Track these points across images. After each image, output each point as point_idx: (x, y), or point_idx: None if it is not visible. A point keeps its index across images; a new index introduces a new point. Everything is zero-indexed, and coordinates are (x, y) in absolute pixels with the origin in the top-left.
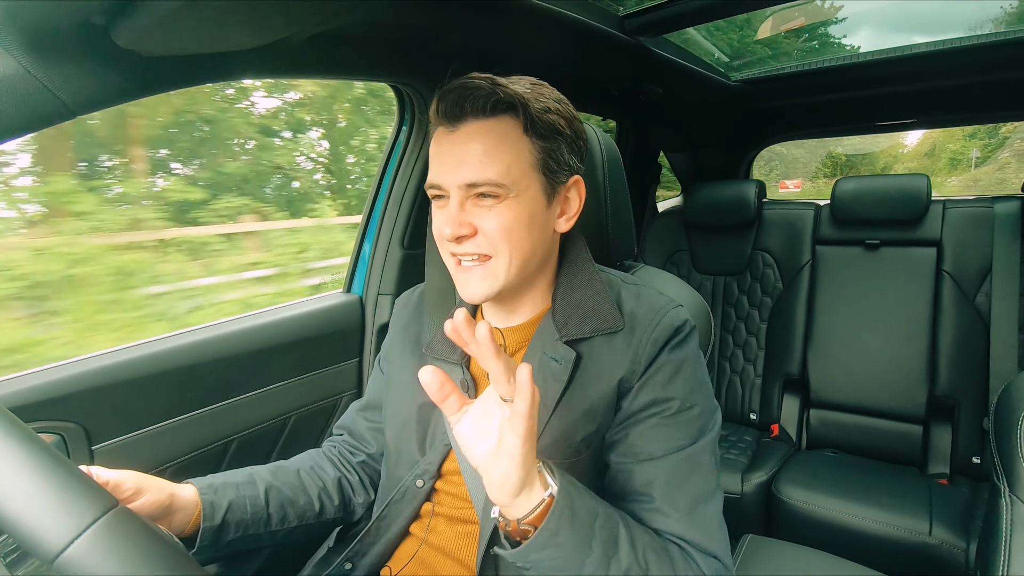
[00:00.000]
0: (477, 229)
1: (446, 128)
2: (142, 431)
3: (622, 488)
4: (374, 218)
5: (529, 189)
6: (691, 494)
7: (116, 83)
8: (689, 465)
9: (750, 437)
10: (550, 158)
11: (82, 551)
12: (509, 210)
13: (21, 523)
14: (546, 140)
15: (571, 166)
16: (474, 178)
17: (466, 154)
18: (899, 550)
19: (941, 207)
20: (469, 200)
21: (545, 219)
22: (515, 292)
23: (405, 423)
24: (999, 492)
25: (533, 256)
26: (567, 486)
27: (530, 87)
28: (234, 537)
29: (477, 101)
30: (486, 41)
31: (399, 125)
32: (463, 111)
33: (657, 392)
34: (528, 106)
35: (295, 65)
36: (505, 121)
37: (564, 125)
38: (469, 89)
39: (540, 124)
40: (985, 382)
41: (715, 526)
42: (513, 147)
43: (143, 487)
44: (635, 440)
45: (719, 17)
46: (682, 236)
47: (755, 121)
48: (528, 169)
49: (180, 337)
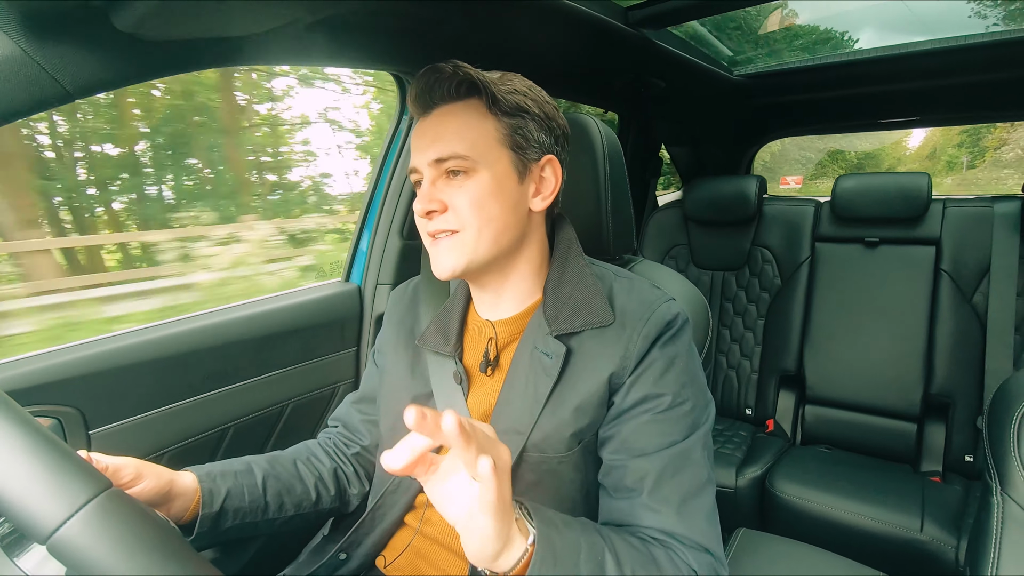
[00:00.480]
0: (447, 205)
1: (420, 115)
2: (139, 416)
3: (615, 484)
4: (373, 208)
5: (498, 163)
6: (682, 489)
7: (115, 67)
8: (681, 460)
9: (745, 432)
10: (517, 134)
11: (75, 531)
12: (477, 184)
13: (15, 504)
14: (511, 117)
15: (541, 144)
16: (440, 153)
17: (436, 135)
18: (890, 546)
19: (941, 206)
20: (441, 179)
21: (518, 195)
22: (495, 275)
23: (399, 415)
24: (991, 490)
25: (505, 231)
26: (546, 530)
27: (499, 75)
28: (232, 524)
29: (443, 84)
30: (487, 30)
31: (399, 114)
32: (433, 96)
33: (649, 388)
34: (489, 86)
35: (296, 52)
36: (471, 103)
37: (530, 104)
38: (436, 74)
39: (504, 103)
40: (980, 381)
41: (705, 520)
42: (478, 124)
43: (142, 473)
44: (627, 436)
45: (723, 11)
46: (682, 230)
47: (757, 116)
48: (494, 144)
49: (179, 323)
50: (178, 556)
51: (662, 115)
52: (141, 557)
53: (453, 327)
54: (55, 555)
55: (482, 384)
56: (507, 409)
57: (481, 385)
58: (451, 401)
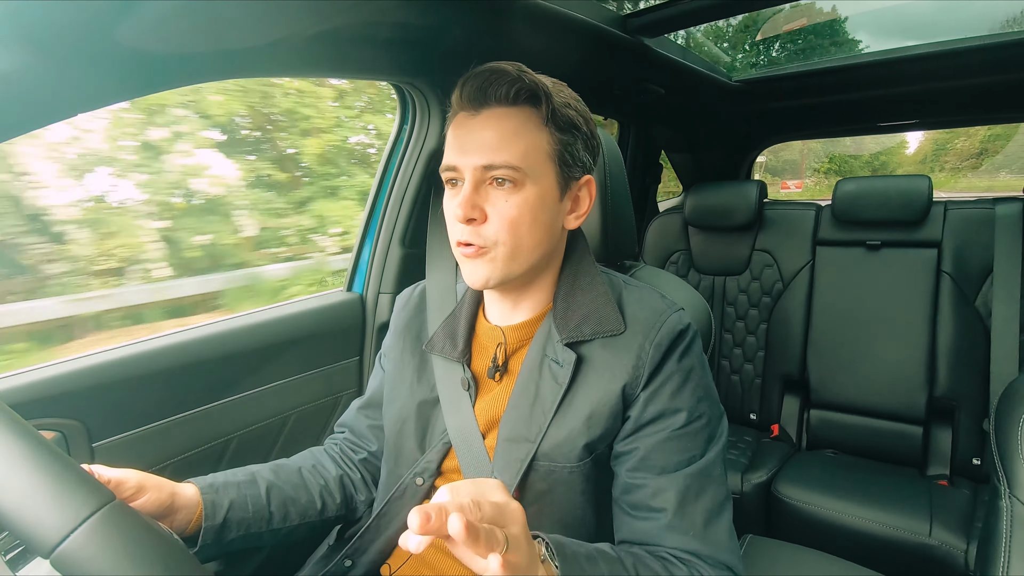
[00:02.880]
0: (487, 215)
1: (468, 113)
2: (143, 428)
3: (636, 503)
4: (375, 217)
5: (545, 178)
6: (705, 509)
7: (117, 80)
8: (703, 478)
9: (750, 437)
10: (567, 151)
11: (78, 545)
12: (524, 198)
13: (18, 517)
14: (564, 133)
15: (585, 164)
16: (491, 160)
17: (485, 138)
18: (899, 551)
19: (942, 208)
20: (485, 184)
21: (555, 212)
22: (520, 286)
23: (405, 421)
24: (999, 494)
25: (538, 247)
26: (569, 570)
27: (551, 83)
28: (236, 536)
29: (501, 87)
30: (488, 40)
31: (400, 124)
32: (486, 96)
33: (665, 403)
34: (551, 97)
35: (297, 64)
36: (526, 111)
37: (582, 122)
38: (496, 75)
39: (560, 116)
40: (985, 384)
41: (727, 537)
42: (532, 135)
43: (145, 486)
44: (647, 454)
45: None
46: (682, 236)
47: (756, 122)
48: (545, 159)
49: (181, 334)
50: (182, 569)
51: (661, 121)
52: (144, 570)
53: (462, 332)
54: (59, 568)
55: (490, 390)
56: (516, 416)
57: (489, 391)
58: (458, 407)
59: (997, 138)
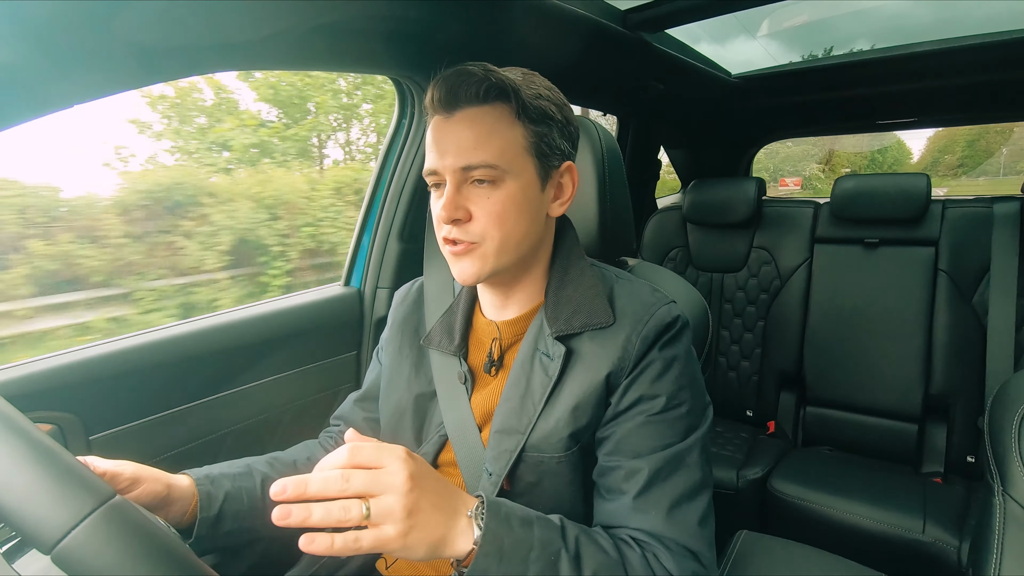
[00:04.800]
0: (472, 214)
1: (442, 116)
2: (139, 421)
3: (608, 484)
4: (373, 211)
5: (524, 172)
6: (674, 492)
7: (115, 72)
8: (675, 463)
9: (746, 434)
10: (542, 142)
11: (80, 541)
12: (505, 194)
13: (19, 513)
14: (538, 124)
15: (563, 151)
16: (468, 160)
17: (461, 139)
18: (892, 547)
19: (940, 207)
20: (466, 184)
21: (539, 203)
22: (510, 279)
23: (401, 413)
24: (992, 491)
25: (526, 238)
26: (496, 528)
27: (521, 75)
28: (231, 528)
29: (470, 88)
30: (486, 34)
31: (399, 118)
32: (457, 98)
33: (644, 389)
34: (520, 92)
35: (295, 56)
36: (498, 108)
37: (555, 111)
38: (463, 76)
39: (532, 109)
40: (981, 381)
41: (696, 524)
42: (506, 132)
43: (140, 477)
44: (622, 437)
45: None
46: (681, 233)
47: (755, 118)
48: (521, 152)
49: (178, 328)
50: (182, 565)
51: (660, 117)
52: (146, 567)
53: (459, 327)
54: (60, 565)
55: (486, 384)
56: (508, 408)
57: (485, 385)
58: (454, 400)
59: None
